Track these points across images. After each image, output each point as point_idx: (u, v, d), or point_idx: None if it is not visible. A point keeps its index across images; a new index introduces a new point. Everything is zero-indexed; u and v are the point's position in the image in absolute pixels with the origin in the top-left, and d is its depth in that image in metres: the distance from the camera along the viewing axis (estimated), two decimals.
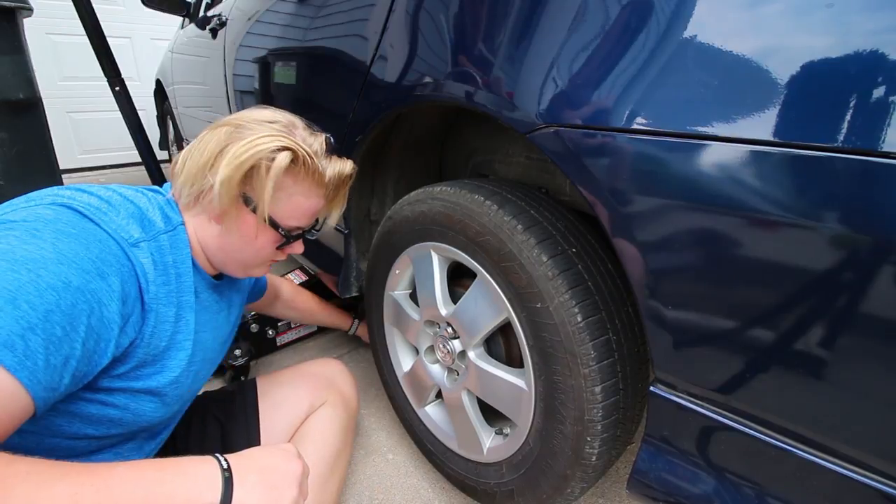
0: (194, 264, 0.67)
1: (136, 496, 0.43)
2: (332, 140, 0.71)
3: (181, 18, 2.48)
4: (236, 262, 0.70)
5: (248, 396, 0.91)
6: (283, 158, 0.62)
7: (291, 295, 1.20)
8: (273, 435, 0.88)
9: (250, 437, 0.87)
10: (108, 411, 0.57)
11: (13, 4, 1.32)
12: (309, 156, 0.65)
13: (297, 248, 0.74)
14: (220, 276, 0.75)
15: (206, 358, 0.73)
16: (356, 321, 1.38)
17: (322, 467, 0.84)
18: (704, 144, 0.46)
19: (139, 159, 1.54)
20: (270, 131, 0.64)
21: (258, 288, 1.03)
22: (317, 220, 0.75)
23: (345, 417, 0.93)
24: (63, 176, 1.71)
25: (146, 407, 0.61)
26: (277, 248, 0.71)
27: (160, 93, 3.10)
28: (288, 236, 0.69)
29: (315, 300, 1.28)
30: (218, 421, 0.87)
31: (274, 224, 0.67)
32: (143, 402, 0.60)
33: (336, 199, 0.74)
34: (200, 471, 0.49)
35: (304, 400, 0.92)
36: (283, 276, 1.57)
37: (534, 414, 0.72)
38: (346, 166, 0.72)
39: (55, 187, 0.58)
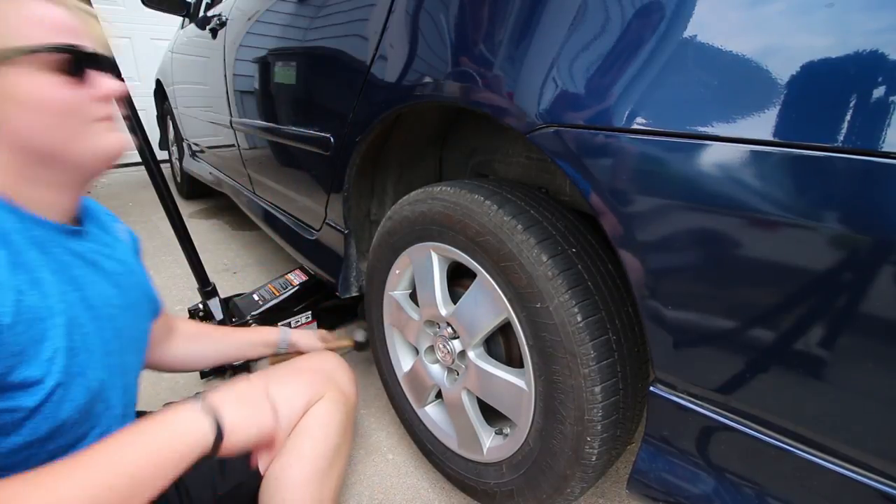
0: (19, 215, 0.54)
1: (141, 462, 0.45)
2: None
3: (181, 18, 2.48)
4: (63, 148, 0.55)
5: None
6: None
7: (197, 328, 1.02)
8: None
9: None
10: (5, 416, 0.48)
11: None
12: None
13: (108, 83, 0.57)
14: (82, 222, 0.65)
15: (103, 315, 0.61)
16: (285, 329, 1.13)
17: (321, 462, 0.83)
18: (705, 144, 0.46)
19: (139, 159, 1.53)
20: None
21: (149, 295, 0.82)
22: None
23: (343, 412, 0.92)
24: None
25: (56, 395, 0.51)
26: (74, 78, 0.53)
27: (160, 93, 3.10)
28: (62, 50, 0.51)
29: (237, 330, 1.10)
30: None
31: (34, 51, 0.49)
32: (37, 391, 0.50)
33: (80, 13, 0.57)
34: (181, 412, 0.54)
35: (302, 395, 0.90)
36: (282, 276, 1.56)
37: (534, 414, 0.72)
38: None
39: None
